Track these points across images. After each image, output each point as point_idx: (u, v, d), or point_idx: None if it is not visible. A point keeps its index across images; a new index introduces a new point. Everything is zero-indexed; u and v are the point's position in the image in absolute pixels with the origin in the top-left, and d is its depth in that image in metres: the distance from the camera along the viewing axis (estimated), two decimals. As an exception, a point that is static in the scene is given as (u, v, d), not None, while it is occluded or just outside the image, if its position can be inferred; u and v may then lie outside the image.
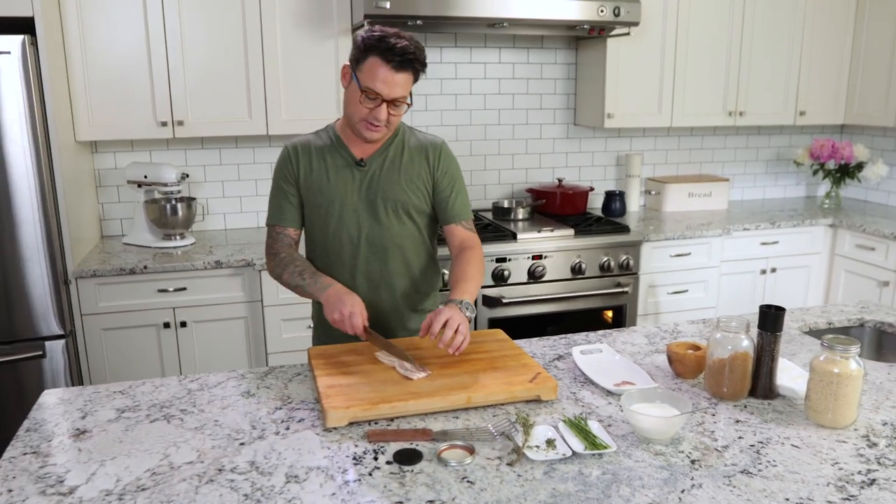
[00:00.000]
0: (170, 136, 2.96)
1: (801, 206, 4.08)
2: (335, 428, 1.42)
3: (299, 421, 1.46)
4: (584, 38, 3.63)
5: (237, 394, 1.60)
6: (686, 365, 1.67)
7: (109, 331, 2.81)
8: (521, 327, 3.09)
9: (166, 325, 2.84)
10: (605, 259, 3.22)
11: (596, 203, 3.89)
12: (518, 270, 3.10)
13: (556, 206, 3.57)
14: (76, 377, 2.78)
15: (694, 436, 1.41)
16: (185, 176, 3.10)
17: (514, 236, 3.12)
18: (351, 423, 1.43)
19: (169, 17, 2.86)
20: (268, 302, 2.89)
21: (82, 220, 2.95)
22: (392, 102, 1.71)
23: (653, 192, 3.93)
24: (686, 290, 3.44)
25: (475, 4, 2.92)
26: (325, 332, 1.99)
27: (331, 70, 3.07)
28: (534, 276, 3.11)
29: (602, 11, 3.06)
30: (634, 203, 3.89)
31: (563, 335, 1.99)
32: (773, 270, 3.67)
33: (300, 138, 1.93)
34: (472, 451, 1.31)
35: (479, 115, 3.68)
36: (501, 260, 3.07)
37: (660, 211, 3.89)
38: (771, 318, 1.55)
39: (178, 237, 3.11)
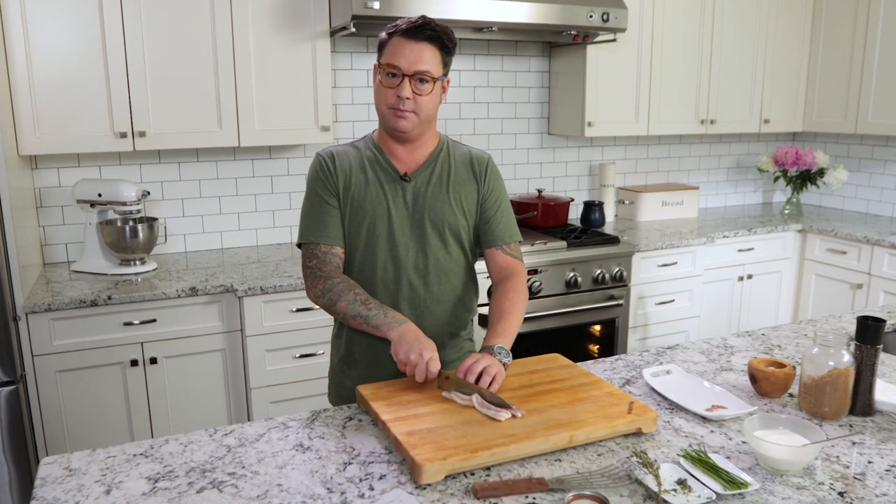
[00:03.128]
0: (130, 148, 2.63)
1: (762, 212, 4.13)
2: (429, 484, 1.21)
3: (380, 478, 1.24)
4: (558, 45, 3.54)
5: (289, 448, 1.36)
6: (774, 383, 1.55)
7: (66, 372, 2.45)
8: (521, 346, 2.93)
9: (134, 363, 2.51)
10: (599, 272, 3.11)
11: (572, 213, 3.79)
12: (514, 286, 2.94)
13: (539, 218, 3.45)
14: (28, 429, 2.41)
15: (822, 463, 1.29)
16: (146, 194, 2.77)
17: (507, 251, 2.96)
18: (446, 477, 1.22)
19: (129, 17, 2.54)
20: (250, 331, 2.61)
21: (25, 246, 2.58)
22: (415, 78, 1.56)
23: (626, 202, 3.88)
24: (673, 300, 3.38)
25: (465, 7, 2.76)
26: (349, 366, 1.77)
27: (307, 76, 2.83)
28: (531, 292, 2.96)
29: (591, 16, 2.96)
30: (610, 213, 3.82)
31: (618, 356, 1.84)
32: (750, 277, 3.68)
33: (334, 147, 1.72)
34: (603, 501, 1.13)
35: (455, 126, 3.51)
36: (497, 276, 2.90)
37: (634, 220, 3.84)
38: (871, 330, 1.46)
39: (137, 262, 2.77)
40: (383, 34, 1.61)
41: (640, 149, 4.03)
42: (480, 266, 1.78)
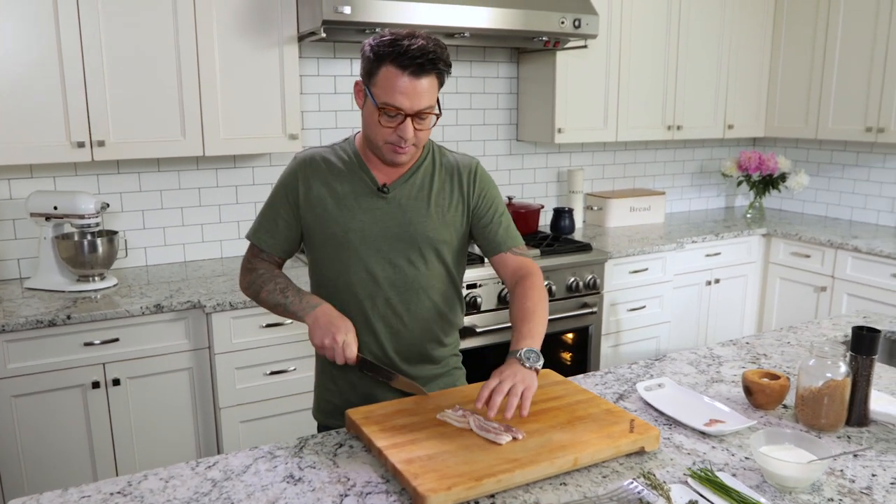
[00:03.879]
0: (88, 158, 2.50)
1: (726, 217, 4.18)
2: (433, 514, 1.15)
3: (380, 509, 1.18)
4: (527, 51, 3.52)
5: (279, 480, 1.28)
6: (769, 395, 1.54)
7: (21, 398, 2.31)
8: (498, 357, 2.89)
9: (95, 385, 2.38)
10: (573, 279, 3.09)
11: (542, 220, 3.77)
12: (489, 296, 2.90)
13: (510, 226, 3.41)
14: (-18, 457, 2.26)
15: (827, 478, 1.27)
16: (105, 206, 2.64)
17: (481, 260, 2.92)
18: (451, 506, 1.17)
19: (86, 19, 2.42)
20: (219, 348, 2.50)
21: (-24, 263, 2.43)
22: (417, 116, 1.46)
23: (595, 208, 3.87)
24: (644, 307, 3.38)
25: (438, 13, 2.71)
26: (330, 380, 1.70)
27: (275, 82, 2.74)
28: (505, 302, 2.92)
29: (563, 23, 2.94)
30: (579, 219, 3.81)
31: (607, 370, 1.81)
32: (717, 281, 3.71)
33: (314, 150, 1.64)
34: (617, 528, 1.09)
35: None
36: (472, 286, 2.86)
37: (603, 227, 3.84)
38: (867, 340, 1.45)
39: (96, 278, 2.64)
40: (368, 51, 1.45)
41: (607, 155, 4.03)
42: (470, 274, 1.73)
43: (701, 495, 1.19)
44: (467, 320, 2.85)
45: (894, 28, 3.42)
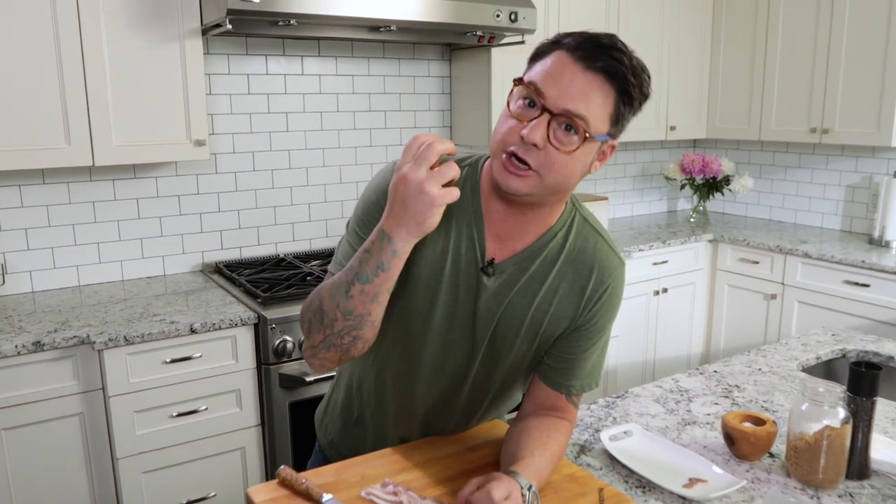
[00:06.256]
0: (-52, 172, 2.12)
1: (669, 221, 4.03)
2: None
3: None
4: (460, 47, 3.27)
5: None
6: (754, 444, 1.32)
7: None
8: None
9: (-40, 441, 2.00)
10: (516, 295, 2.85)
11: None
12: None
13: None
14: None
15: (838, 558, 1.05)
16: (-28, 226, 2.26)
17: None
18: None
19: (-61, 6, 2.04)
20: (113, 390, 2.15)
21: None
22: (560, 119, 1.02)
23: (536, 215, 3.65)
24: (591, 320, 3.17)
25: (362, 4, 2.42)
26: (329, 415, 1.41)
27: (176, 82, 2.40)
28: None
29: (499, 16, 2.70)
30: (520, 228, 3.58)
31: (563, 413, 1.56)
32: (665, 290, 3.54)
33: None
34: None
35: (348, 137, 3.16)
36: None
37: (545, 234, 3.62)
38: (867, 379, 1.24)
39: (-35, 311, 2.25)
40: (549, 42, 1.09)
41: (548, 158, 3.82)
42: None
43: None
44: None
45: (836, 26, 3.32)
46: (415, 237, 1.01)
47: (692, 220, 4.03)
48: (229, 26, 2.27)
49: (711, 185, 3.94)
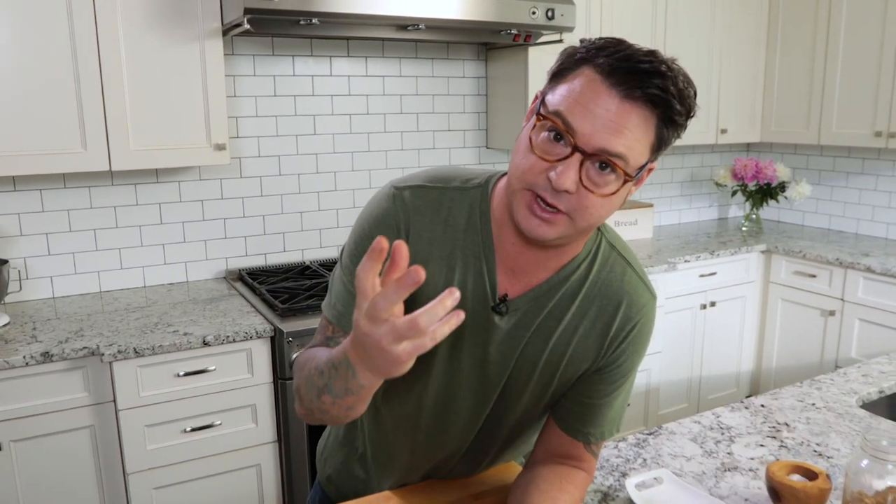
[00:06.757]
0: (-37, 177, 2.08)
1: (719, 229, 3.81)
2: None
3: None
4: (496, 47, 3.12)
5: None
6: (804, 503, 1.14)
7: None
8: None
9: (-33, 452, 1.96)
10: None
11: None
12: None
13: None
14: None
15: None
16: (-12, 232, 2.22)
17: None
18: None
19: (-47, 7, 1.99)
20: (123, 403, 2.08)
21: None
22: (594, 159, 0.86)
23: (575, 222, 3.47)
24: (631, 335, 2.99)
25: (385, 2, 2.30)
26: (330, 450, 1.30)
27: (195, 82, 2.32)
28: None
29: (534, 13, 2.55)
30: (558, 235, 3.42)
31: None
32: (713, 304, 3.33)
33: (424, 185, 1.03)
34: None
35: (378, 140, 3.04)
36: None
37: (585, 243, 3.44)
38: (940, 433, 1.06)
39: (-19, 317, 2.21)
40: (570, 50, 0.92)
41: (589, 163, 3.64)
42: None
43: None
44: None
45: (906, 21, 3.06)
46: (382, 379, 0.84)
47: (744, 229, 3.80)
48: (247, 26, 2.17)
49: (765, 192, 3.70)
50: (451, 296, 0.73)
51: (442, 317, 0.73)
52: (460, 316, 0.74)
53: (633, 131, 0.86)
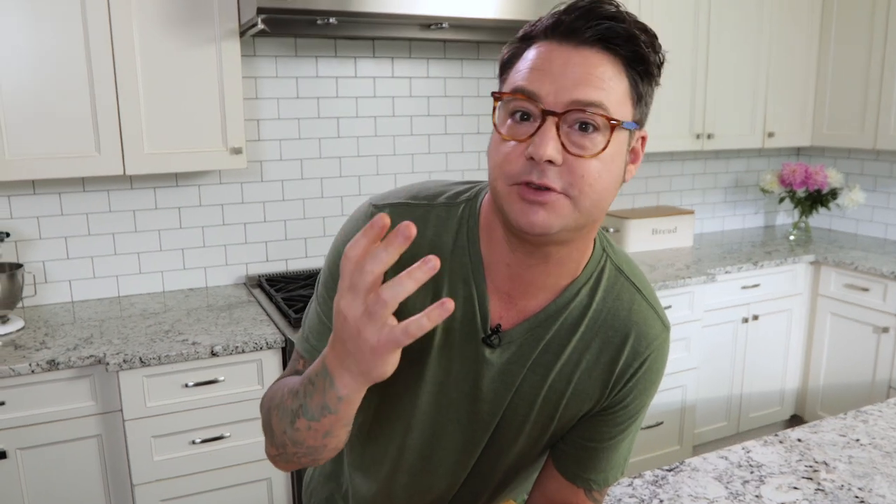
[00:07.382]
0: (-23, 180, 2.06)
1: (765, 238, 3.61)
2: None
3: None
4: (528, 47, 3.00)
5: None
6: (839, 563, 1.00)
7: None
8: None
9: (-27, 460, 1.93)
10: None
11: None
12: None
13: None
14: None
15: None
16: (4, 235, 2.20)
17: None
18: None
19: (-34, 9, 1.97)
20: (130, 413, 2.03)
21: None
22: (570, 118, 0.77)
23: (610, 230, 3.33)
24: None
25: (405, 0, 2.21)
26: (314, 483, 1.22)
27: (212, 85, 2.27)
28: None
29: (564, 11, 2.42)
30: (591, 243, 3.28)
31: (598, 489, 1.28)
32: (756, 318, 3.14)
33: (407, 203, 0.93)
34: None
35: (405, 143, 2.95)
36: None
37: (620, 251, 3.29)
38: None
39: (-4, 322, 2.19)
40: (516, 40, 0.84)
41: (626, 167, 3.49)
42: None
43: None
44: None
45: (974, 16, 2.83)
46: (362, 385, 0.75)
47: (791, 238, 3.59)
48: (262, 26, 2.10)
49: (815, 199, 3.49)
50: (442, 307, 0.66)
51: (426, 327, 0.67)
52: (447, 306, 0.66)
53: (600, 76, 0.77)
